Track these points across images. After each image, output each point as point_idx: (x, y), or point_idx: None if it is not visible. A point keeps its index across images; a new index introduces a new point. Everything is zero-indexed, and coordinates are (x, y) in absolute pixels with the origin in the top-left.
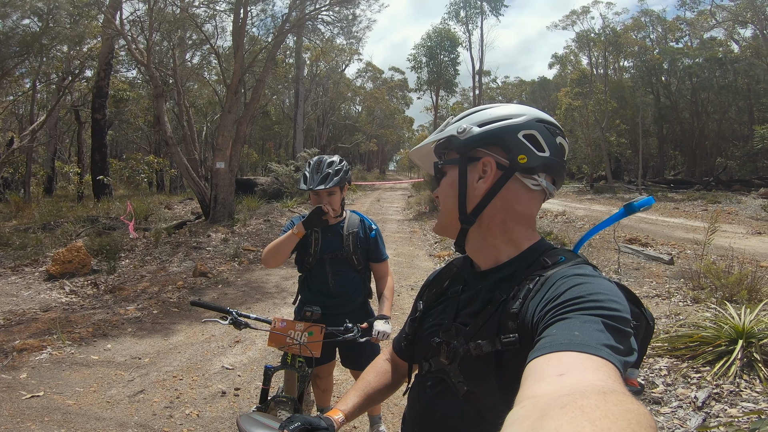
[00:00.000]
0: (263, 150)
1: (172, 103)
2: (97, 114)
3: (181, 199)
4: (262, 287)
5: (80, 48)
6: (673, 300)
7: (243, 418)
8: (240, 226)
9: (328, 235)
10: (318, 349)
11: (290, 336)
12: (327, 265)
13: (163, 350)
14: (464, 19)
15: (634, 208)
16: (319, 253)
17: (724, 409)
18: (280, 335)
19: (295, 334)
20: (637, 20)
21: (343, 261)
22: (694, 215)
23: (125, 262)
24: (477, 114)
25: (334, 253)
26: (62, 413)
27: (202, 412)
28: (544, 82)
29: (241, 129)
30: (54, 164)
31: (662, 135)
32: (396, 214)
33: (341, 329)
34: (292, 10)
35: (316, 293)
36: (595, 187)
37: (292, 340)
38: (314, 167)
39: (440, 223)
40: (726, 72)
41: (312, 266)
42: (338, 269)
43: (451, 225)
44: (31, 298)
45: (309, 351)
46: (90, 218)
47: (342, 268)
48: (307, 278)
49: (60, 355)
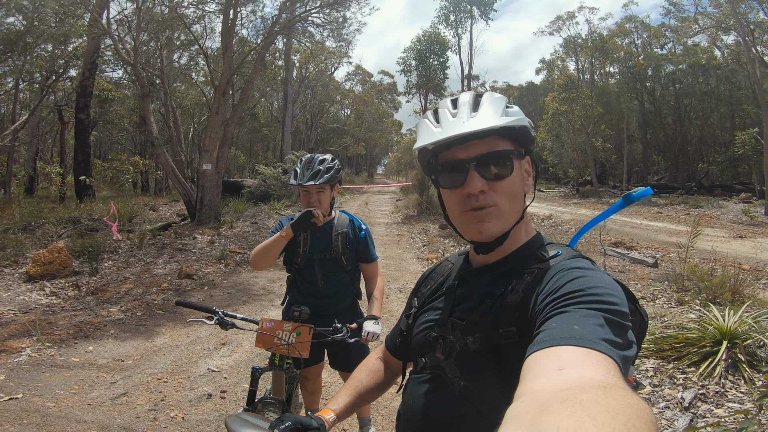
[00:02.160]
0: (251, 152)
1: (159, 103)
2: (81, 114)
3: (166, 201)
4: (249, 289)
5: (65, 47)
6: (657, 302)
7: (232, 419)
8: (226, 228)
9: (316, 236)
10: (306, 349)
11: (278, 336)
12: (316, 265)
13: (147, 352)
14: (454, 23)
15: (633, 199)
16: (307, 253)
17: (710, 410)
18: (267, 335)
19: (283, 335)
20: (622, 26)
21: (332, 261)
22: (677, 219)
23: (108, 263)
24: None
25: (323, 253)
26: (41, 416)
27: (187, 415)
28: (532, 87)
29: (229, 130)
30: (36, 164)
31: (646, 140)
32: (384, 217)
33: (330, 330)
34: (282, 11)
35: (305, 294)
36: (581, 191)
37: (280, 340)
38: (305, 163)
39: (506, 221)
40: (709, 78)
41: (301, 267)
42: (327, 270)
43: (509, 224)
44: (9, 299)
45: (297, 351)
46: (72, 219)
47: (331, 269)
48: (296, 279)
49: (39, 356)
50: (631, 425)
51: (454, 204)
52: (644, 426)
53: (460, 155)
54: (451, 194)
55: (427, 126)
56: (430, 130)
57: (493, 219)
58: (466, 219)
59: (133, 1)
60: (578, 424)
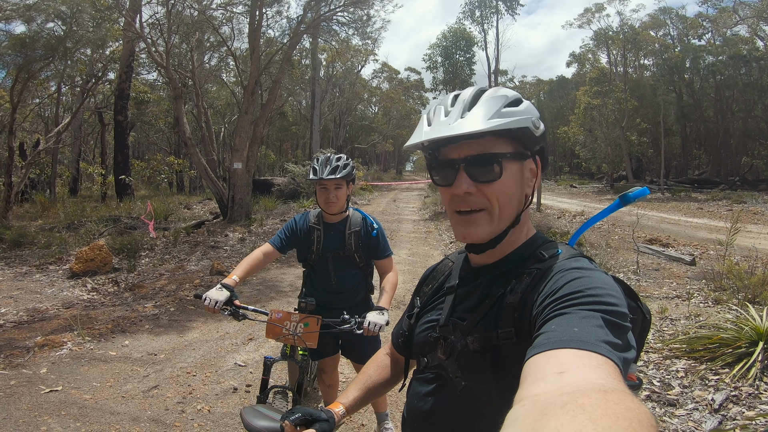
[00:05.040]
0: (280, 151)
1: (191, 104)
2: (119, 116)
3: (200, 200)
4: (277, 286)
5: (102, 51)
6: (693, 301)
7: (246, 410)
8: (257, 225)
9: (330, 233)
10: (314, 340)
11: (285, 327)
12: (329, 262)
13: (179, 347)
14: (479, 19)
15: (629, 199)
16: (321, 250)
17: (741, 412)
18: (276, 326)
19: (291, 325)
20: (656, 18)
21: (346, 259)
22: (718, 215)
23: (145, 260)
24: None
25: (336, 251)
26: (78, 407)
27: (213, 408)
28: (563, 80)
29: (258, 130)
30: (79, 165)
31: (685, 134)
32: (412, 214)
33: (338, 320)
34: (307, 11)
35: (319, 289)
36: (615, 187)
37: (287, 331)
38: (323, 161)
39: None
40: (751, 69)
41: (314, 263)
42: (340, 266)
43: (501, 228)
44: (54, 295)
45: (303, 342)
46: (112, 218)
47: (344, 265)
48: (310, 274)
49: (79, 350)
50: (632, 429)
51: (446, 202)
52: (645, 430)
53: (452, 155)
54: (444, 192)
55: (422, 122)
56: (422, 127)
57: (481, 223)
58: (455, 220)
59: (163, 5)
60: (579, 428)
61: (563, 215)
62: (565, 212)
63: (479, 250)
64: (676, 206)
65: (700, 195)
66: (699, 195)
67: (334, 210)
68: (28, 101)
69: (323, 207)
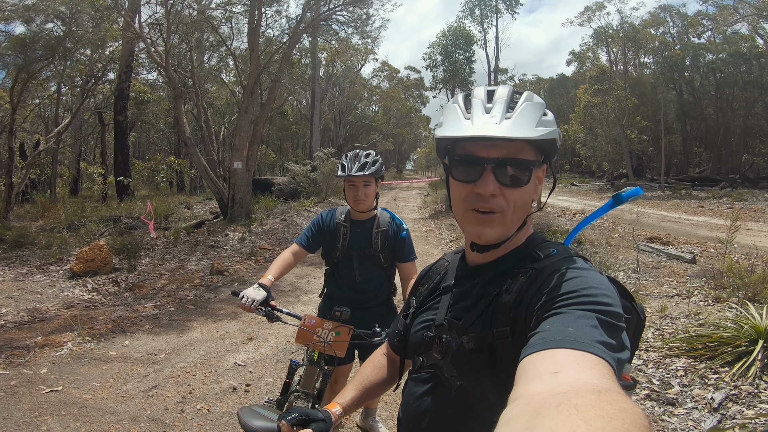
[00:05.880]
0: (281, 150)
1: (191, 104)
2: (119, 116)
3: (200, 199)
4: (277, 285)
5: (102, 51)
6: (693, 299)
7: (243, 410)
8: (257, 225)
9: (357, 231)
10: (343, 349)
11: (317, 334)
12: (354, 260)
13: (179, 346)
14: (479, 17)
15: (622, 199)
16: (346, 248)
17: (741, 411)
18: (308, 332)
19: (322, 333)
20: (656, 16)
21: (371, 258)
22: (718, 213)
23: (145, 260)
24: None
25: (362, 250)
26: (79, 407)
27: (213, 407)
28: (563, 79)
29: (258, 129)
30: (79, 165)
31: (686, 132)
32: (412, 212)
33: (369, 332)
34: (307, 10)
35: (342, 287)
36: (616, 185)
37: (319, 338)
38: (352, 157)
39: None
40: (751, 67)
41: (339, 261)
42: (365, 265)
43: (510, 231)
44: (54, 295)
45: (333, 350)
46: (113, 218)
47: (368, 265)
48: (334, 272)
49: (80, 350)
50: (625, 430)
51: (459, 198)
52: (638, 430)
53: (481, 152)
54: (461, 187)
55: (456, 114)
56: (459, 119)
57: (496, 225)
58: (468, 217)
59: (162, 5)
60: (573, 428)
61: (563, 213)
62: (566, 210)
63: (484, 249)
64: (676, 204)
65: (700, 193)
66: (699, 193)
67: (362, 207)
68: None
69: (351, 204)
